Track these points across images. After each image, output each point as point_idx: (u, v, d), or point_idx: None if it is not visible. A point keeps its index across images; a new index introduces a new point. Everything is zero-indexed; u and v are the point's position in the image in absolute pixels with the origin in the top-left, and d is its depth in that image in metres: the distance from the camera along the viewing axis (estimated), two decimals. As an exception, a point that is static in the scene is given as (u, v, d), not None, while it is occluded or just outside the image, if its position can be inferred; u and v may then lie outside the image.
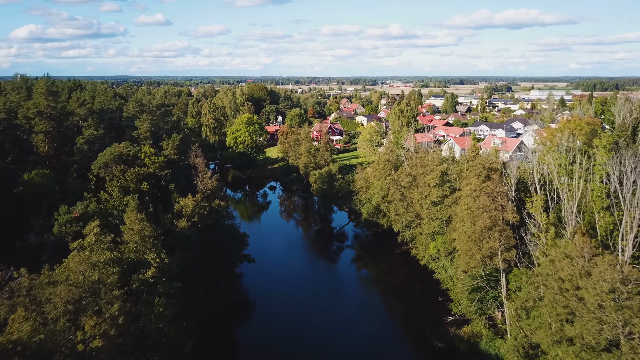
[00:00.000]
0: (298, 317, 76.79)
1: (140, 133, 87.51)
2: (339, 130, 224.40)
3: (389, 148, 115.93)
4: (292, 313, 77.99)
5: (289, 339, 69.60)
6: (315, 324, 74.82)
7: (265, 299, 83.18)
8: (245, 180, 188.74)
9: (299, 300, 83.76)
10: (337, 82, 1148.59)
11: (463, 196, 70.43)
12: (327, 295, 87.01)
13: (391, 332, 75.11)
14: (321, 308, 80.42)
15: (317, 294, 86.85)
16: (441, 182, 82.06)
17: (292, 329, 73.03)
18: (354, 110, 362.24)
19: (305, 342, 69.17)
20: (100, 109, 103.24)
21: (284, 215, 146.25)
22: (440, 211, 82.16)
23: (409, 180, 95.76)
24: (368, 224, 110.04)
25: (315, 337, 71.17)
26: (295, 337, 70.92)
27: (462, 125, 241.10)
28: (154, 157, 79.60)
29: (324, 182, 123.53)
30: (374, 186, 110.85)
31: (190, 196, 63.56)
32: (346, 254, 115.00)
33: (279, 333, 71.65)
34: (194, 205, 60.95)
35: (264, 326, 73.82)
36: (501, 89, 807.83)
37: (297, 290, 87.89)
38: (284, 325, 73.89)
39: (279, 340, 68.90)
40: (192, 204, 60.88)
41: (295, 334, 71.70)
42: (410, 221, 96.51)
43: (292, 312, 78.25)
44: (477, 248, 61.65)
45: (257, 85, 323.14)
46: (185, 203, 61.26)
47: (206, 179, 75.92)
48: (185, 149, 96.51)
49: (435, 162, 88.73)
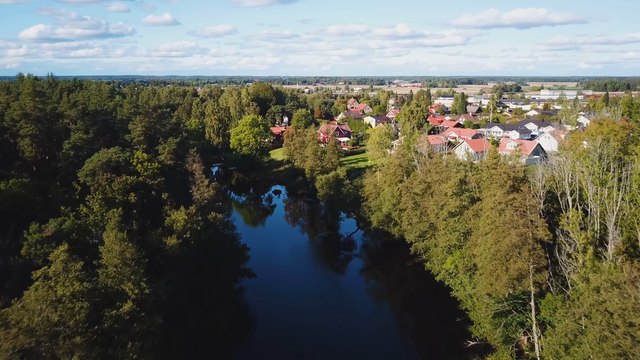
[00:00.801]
0: (303, 335, 70.83)
1: (134, 137, 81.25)
2: (346, 131, 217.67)
3: (400, 152, 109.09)
4: (296, 331, 71.92)
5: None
6: (322, 343, 68.72)
7: (267, 315, 76.83)
8: (249, 183, 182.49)
9: (304, 315, 77.48)
10: (344, 81, 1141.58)
11: (486, 208, 63.55)
12: (334, 310, 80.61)
13: (405, 355, 68.52)
14: (327, 325, 74.31)
15: (323, 309, 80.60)
16: (459, 191, 75.11)
17: (296, 348, 66.92)
18: (361, 110, 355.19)
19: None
20: (94, 110, 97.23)
21: (289, 220, 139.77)
22: (458, 223, 75.22)
23: (423, 187, 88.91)
24: (378, 233, 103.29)
25: (321, 357, 65.12)
26: (300, 358, 64.90)
27: (474, 126, 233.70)
28: (147, 163, 73.36)
29: (330, 187, 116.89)
30: (385, 193, 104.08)
31: (183, 209, 57.12)
32: (354, 263, 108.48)
33: (283, 354, 65.54)
34: (186, 220, 54.52)
35: (266, 348, 67.53)
36: (510, 88, 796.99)
37: (302, 305, 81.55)
38: (287, 345, 67.83)
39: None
40: (183, 219, 54.44)
41: (300, 354, 65.56)
42: (424, 232, 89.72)
43: (296, 330, 72.15)
44: (504, 269, 54.75)
45: (262, 85, 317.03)
46: (176, 217, 54.84)
47: (203, 187, 69.47)
48: (184, 153, 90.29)
49: (452, 168, 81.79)
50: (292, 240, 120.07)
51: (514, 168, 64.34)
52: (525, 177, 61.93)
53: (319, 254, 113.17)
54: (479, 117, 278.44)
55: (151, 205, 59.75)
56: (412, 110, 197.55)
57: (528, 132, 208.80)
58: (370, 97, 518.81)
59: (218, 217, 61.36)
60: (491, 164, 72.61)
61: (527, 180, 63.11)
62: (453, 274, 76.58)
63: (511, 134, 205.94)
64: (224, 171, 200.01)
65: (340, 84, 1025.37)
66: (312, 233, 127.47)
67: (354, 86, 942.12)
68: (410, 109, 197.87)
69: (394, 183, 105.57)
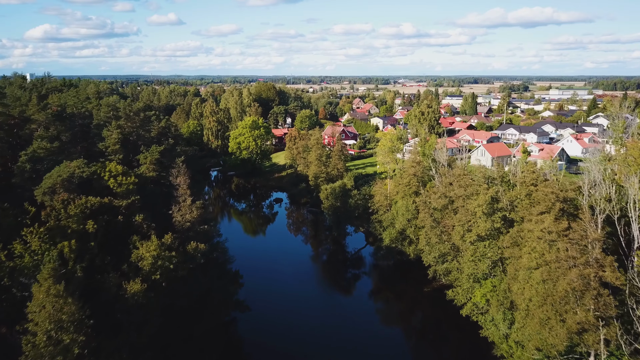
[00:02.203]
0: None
1: (108, 145, 69.86)
2: (352, 133, 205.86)
3: (414, 159, 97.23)
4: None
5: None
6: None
7: (264, 350, 65.73)
8: (249, 189, 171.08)
9: (307, 344, 67.58)
10: (349, 81, 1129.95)
11: (529, 237, 51.78)
12: (340, 337, 69.66)
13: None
14: (334, 356, 63.97)
15: (328, 336, 70.07)
16: (490, 211, 63.29)
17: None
18: (367, 110, 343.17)
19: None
20: (71, 113, 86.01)
21: (291, 231, 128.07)
22: (489, 248, 63.40)
23: (444, 203, 77.13)
24: (390, 252, 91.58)
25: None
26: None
27: (487, 128, 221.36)
28: (121, 177, 61.95)
29: (336, 198, 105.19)
30: (398, 206, 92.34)
31: (154, 239, 45.67)
32: (363, 284, 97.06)
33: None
34: (155, 257, 43.09)
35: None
36: (518, 88, 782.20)
37: (304, 331, 71.29)
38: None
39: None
40: (151, 255, 43.05)
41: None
42: (444, 253, 78.04)
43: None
44: (559, 319, 43.00)
45: (265, 85, 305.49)
46: (142, 252, 43.44)
47: (185, 207, 57.97)
48: (170, 162, 78.82)
49: (479, 181, 69.91)
50: (294, 254, 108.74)
51: (563, 187, 52.51)
52: (581, 202, 50.08)
53: (324, 272, 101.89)
54: (491, 118, 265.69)
55: (118, 233, 48.40)
56: (422, 111, 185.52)
57: (546, 134, 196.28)
58: (376, 96, 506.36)
59: (200, 247, 49.88)
60: (529, 179, 60.71)
61: (579, 202, 51.27)
62: (483, 310, 64.74)
63: (528, 137, 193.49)
64: (223, 176, 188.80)
65: (345, 84, 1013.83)
66: (316, 246, 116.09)
67: (359, 86, 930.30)
68: (421, 110, 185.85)
69: (408, 194, 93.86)
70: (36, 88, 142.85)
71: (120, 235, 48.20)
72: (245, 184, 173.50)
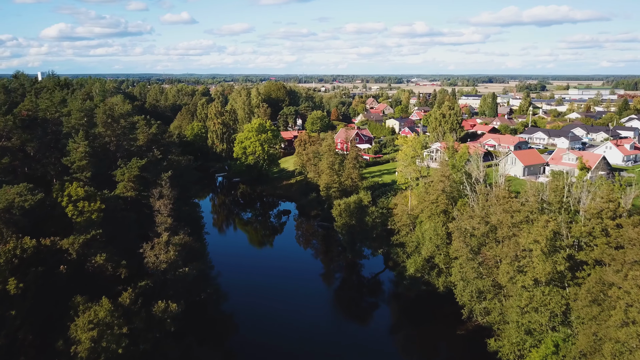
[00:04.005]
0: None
1: (73, 160, 57.09)
2: (367, 137, 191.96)
3: (443, 172, 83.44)
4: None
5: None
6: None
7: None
8: (255, 197, 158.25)
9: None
10: (361, 80, 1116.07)
11: (619, 294, 37.94)
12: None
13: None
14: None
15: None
16: (551, 248, 49.42)
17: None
18: (382, 111, 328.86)
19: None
20: (43, 119, 73.57)
21: (299, 249, 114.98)
22: (550, 296, 49.55)
23: (484, 230, 63.36)
24: (415, 282, 77.89)
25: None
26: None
27: (511, 131, 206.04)
28: (82, 203, 49.12)
29: (351, 215, 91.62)
30: (424, 228, 78.63)
31: (105, 301, 32.89)
32: (381, 315, 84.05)
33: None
34: (96, 338, 30.08)
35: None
36: (535, 87, 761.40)
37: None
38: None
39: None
40: (90, 337, 29.98)
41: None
42: (484, 289, 64.45)
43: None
44: None
45: (275, 85, 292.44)
46: (77, 332, 30.34)
47: (160, 244, 44.93)
48: (155, 178, 65.96)
49: (533, 208, 56.01)
50: (303, 275, 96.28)
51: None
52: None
53: (336, 298, 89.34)
54: (514, 120, 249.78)
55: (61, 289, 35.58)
56: (443, 113, 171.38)
57: (578, 139, 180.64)
58: (389, 96, 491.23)
59: (171, 309, 36.81)
60: (606, 210, 46.70)
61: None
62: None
63: (558, 142, 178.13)
64: (228, 182, 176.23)
65: (358, 82, 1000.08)
66: (328, 267, 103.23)
67: (372, 84, 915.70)
68: (442, 112, 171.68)
69: (436, 213, 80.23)
70: (22, 88, 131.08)
71: (64, 291, 35.43)
72: (251, 192, 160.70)
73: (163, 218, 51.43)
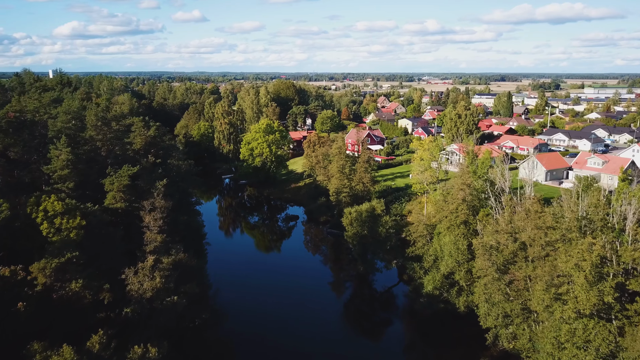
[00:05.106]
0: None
1: (54, 169, 51.41)
2: (379, 137, 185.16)
3: (464, 180, 76.72)
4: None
5: None
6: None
7: None
8: (263, 200, 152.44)
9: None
10: (372, 78, 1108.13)
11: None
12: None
13: None
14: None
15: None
16: (597, 276, 42.72)
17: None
18: (393, 110, 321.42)
19: None
20: (30, 121, 68.24)
21: (307, 257, 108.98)
22: (595, 330, 42.87)
23: (513, 248, 56.71)
24: (433, 300, 71.39)
25: None
26: None
27: (529, 132, 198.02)
28: (60, 219, 43.40)
29: (363, 225, 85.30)
30: (444, 242, 72.07)
31: (67, 351, 27.17)
32: (394, 332, 78.13)
33: None
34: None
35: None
36: (549, 86, 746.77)
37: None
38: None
39: None
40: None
41: None
42: (511, 313, 57.90)
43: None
44: None
45: (284, 83, 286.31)
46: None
47: (145, 270, 39.00)
48: (149, 186, 60.20)
49: (571, 225, 49.23)
50: (311, 286, 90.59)
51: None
52: None
53: (347, 312, 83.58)
54: (532, 121, 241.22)
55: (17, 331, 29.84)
56: (459, 113, 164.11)
57: (600, 140, 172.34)
58: (401, 94, 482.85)
59: (151, 354, 30.88)
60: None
61: None
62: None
63: (580, 144, 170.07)
64: (235, 184, 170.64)
65: (368, 81, 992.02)
66: (338, 278, 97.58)
67: (382, 83, 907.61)
68: (458, 113, 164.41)
69: (455, 224, 73.62)
70: (21, 86, 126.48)
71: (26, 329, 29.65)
72: (258, 195, 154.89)
73: (152, 235, 45.60)
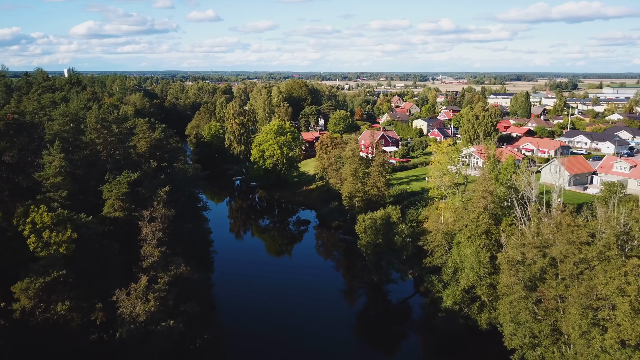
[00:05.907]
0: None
1: (47, 176, 47.99)
2: (393, 139, 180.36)
3: (485, 187, 71.95)
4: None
5: None
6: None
7: None
8: (274, 203, 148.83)
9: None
10: (385, 77, 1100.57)
11: None
12: None
13: None
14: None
15: None
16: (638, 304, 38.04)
17: None
18: (408, 110, 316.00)
19: None
20: (29, 123, 65.08)
21: (319, 264, 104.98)
22: None
23: (542, 264, 52.01)
24: (452, 317, 66.80)
25: None
26: None
27: (549, 134, 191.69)
28: (48, 232, 39.85)
29: (377, 233, 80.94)
30: (464, 254, 67.48)
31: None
32: (410, 347, 74.27)
33: None
34: None
35: None
36: (566, 86, 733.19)
37: None
38: None
39: None
40: None
41: None
42: (540, 333, 53.22)
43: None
44: None
45: (296, 83, 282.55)
46: None
47: (139, 291, 35.25)
48: (150, 193, 56.64)
49: (609, 242, 44.48)
50: (322, 293, 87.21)
51: None
52: None
53: (359, 324, 79.44)
54: (551, 122, 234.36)
55: None
56: (477, 114, 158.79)
57: (625, 143, 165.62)
58: (415, 94, 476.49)
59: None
60: None
61: None
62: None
63: (603, 147, 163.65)
64: (246, 186, 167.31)
65: (382, 80, 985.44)
66: (350, 286, 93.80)
67: (396, 82, 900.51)
68: (475, 114, 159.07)
69: (476, 234, 68.85)
70: (28, 86, 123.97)
71: None
72: (269, 197, 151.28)
73: (150, 249, 41.91)
